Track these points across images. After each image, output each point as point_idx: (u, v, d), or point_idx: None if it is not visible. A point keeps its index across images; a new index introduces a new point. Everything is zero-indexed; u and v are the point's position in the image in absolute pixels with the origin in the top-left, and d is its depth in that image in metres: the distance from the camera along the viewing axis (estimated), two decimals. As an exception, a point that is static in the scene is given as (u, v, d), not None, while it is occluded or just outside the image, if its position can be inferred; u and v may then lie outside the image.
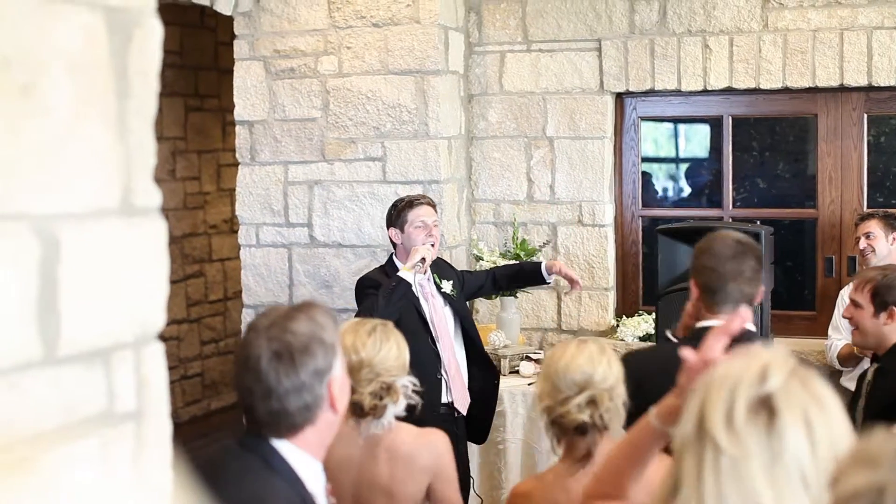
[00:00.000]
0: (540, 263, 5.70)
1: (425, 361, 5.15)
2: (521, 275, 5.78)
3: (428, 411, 3.71)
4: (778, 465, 1.71)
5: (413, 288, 5.11)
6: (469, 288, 5.63)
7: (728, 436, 1.72)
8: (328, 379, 2.50)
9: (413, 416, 3.57)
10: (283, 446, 2.53)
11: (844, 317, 4.58)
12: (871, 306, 4.33)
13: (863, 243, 5.92)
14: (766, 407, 1.74)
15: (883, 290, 4.31)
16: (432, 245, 5.24)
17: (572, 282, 5.57)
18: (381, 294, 4.97)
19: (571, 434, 3.06)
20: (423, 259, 5.10)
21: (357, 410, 3.33)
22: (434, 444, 3.53)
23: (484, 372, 5.48)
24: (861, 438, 1.53)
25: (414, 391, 3.42)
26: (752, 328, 3.52)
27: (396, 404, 3.37)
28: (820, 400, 1.76)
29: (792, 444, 1.72)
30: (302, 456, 2.55)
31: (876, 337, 4.37)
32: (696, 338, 3.32)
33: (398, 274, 5.08)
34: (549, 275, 5.62)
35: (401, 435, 3.47)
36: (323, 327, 2.51)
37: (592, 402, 3.02)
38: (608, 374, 3.05)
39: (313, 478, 2.58)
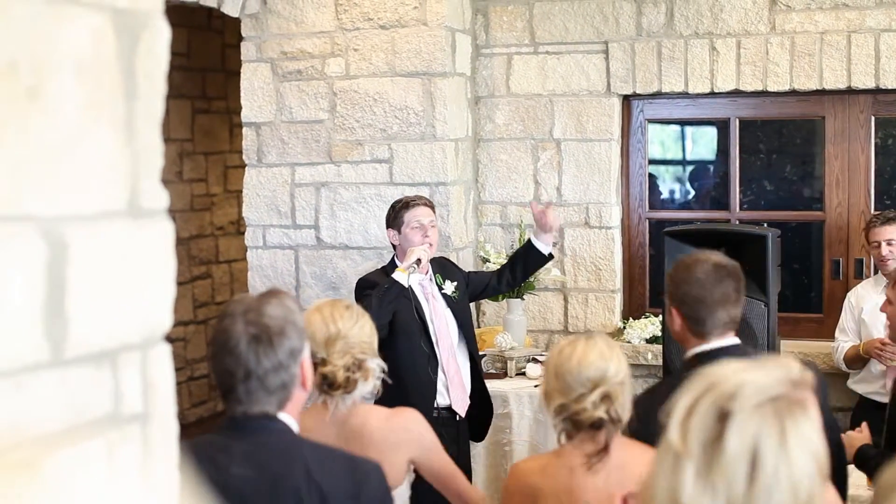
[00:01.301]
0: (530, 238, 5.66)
1: (419, 363, 5.16)
2: (514, 259, 5.71)
3: (422, 413, 3.71)
4: (709, 478, 1.73)
5: (410, 289, 5.11)
6: (475, 287, 5.61)
7: (678, 432, 1.77)
8: (301, 359, 2.68)
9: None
10: (285, 418, 2.71)
11: (882, 311, 4.56)
12: None
13: (885, 250, 5.82)
14: (720, 422, 1.75)
15: None
16: (430, 245, 5.24)
17: (545, 223, 5.50)
18: (375, 296, 4.96)
19: (587, 430, 3.05)
20: (419, 261, 5.10)
21: (328, 384, 3.33)
22: (406, 420, 3.55)
23: (477, 373, 5.49)
24: None
25: (381, 375, 3.43)
26: (737, 341, 3.48)
27: (367, 382, 3.38)
28: (785, 438, 1.75)
29: (727, 466, 1.73)
30: (290, 420, 2.73)
31: None
32: (693, 366, 3.24)
33: (392, 276, 5.08)
34: (540, 241, 5.55)
35: (371, 418, 3.46)
36: (293, 311, 2.69)
37: (607, 398, 3.02)
38: (619, 368, 3.05)
39: None
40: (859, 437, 4.19)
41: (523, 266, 5.65)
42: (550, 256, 5.64)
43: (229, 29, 8.89)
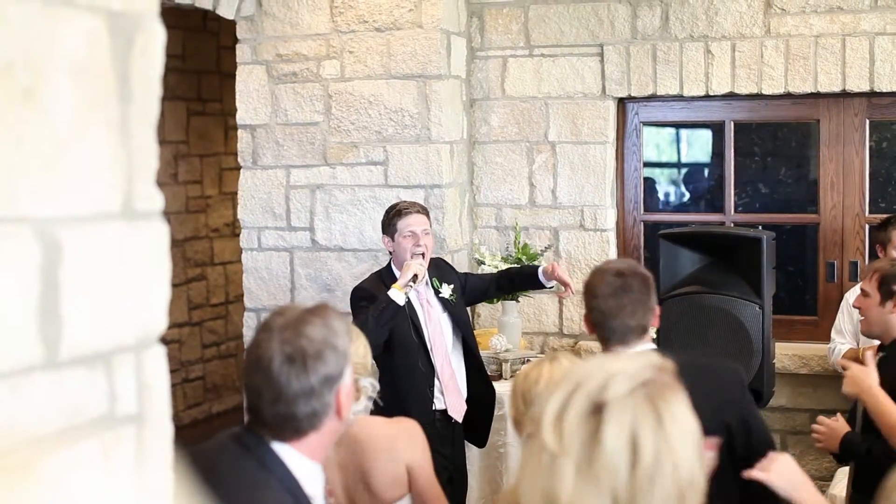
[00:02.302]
0: (538, 267, 5.67)
1: (417, 374, 5.14)
2: (518, 277, 5.74)
3: (420, 422, 3.71)
4: (590, 472, 1.71)
5: (406, 296, 5.08)
6: (472, 291, 5.61)
7: (553, 434, 1.74)
8: (337, 387, 2.49)
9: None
10: (282, 449, 2.50)
11: (855, 306, 4.58)
12: (878, 294, 4.34)
13: None
14: (596, 414, 1.74)
15: (890, 278, 4.32)
16: (423, 255, 5.21)
17: (565, 285, 5.54)
18: (371, 314, 4.92)
19: None
20: (415, 277, 5.06)
21: None
22: (406, 427, 3.55)
23: (481, 378, 5.48)
24: None
25: (372, 396, 3.42)
26: (647, 348, 3.54)
27: (358, 402, 3.36)
28: (661, 421, 1.75)
29: (608, 457, 1.72)
30: (300, 459, 2.52)
31: (881, 325, 4.38)
32: None
33: (389, 293, 5.02)
34: (547, 280, 5.59)
35: (373, 427, 3.46)
36: (337, 333, 2.48)
37: None
38: None
39: (312, 480, 2.55)
40: (837, 425, 4.21)
41: (522, 286, 5.84)
42: (550, 288, 5.75)
43: (225, 31, 8.89)
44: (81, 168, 1.33)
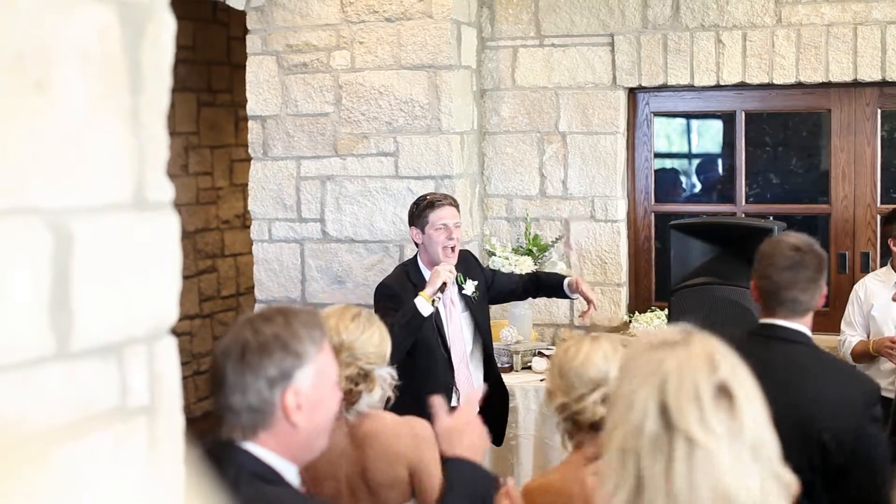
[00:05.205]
0: (563, 279, 5.59)
1: (436, 376, 5.07)
2: (544, 284, 5.68)
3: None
4: (736, 445, 1.76)
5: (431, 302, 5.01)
6: (500, 290, 5.55)
7: (702, 428, 1.76)
8: (283, 387, 2.37)
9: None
10: (250, 447, 2.42)
11: (894, 300, 4.59)
12: None
13: None
14: (725, 393, 1.78)
15: None
16: (453, 248, 5.12)
17: (589, 301, 5.47)
18: (397, 324, 4.69)
19: (586, 430, 3.02)
20: (444, 285, 4.94)
21: None
22: (414, 428, 3.40)
23: (495, 378, 5.42)
24: None
25: (392, 384, 3.34)
26: (802, 330, 3.62)
27: (371, 393, 3.28)
28: (747, 371, 1.83)
29: (750, 421, 1.78)
30: (270, 455, 2.43)
31: None
32: (760, 333, 3.61)
33: (416, 301, 4.89)
34: (571, 292, 5.54)
35: (380, 422, 3.37)
36: (296, 335, 2.38)
37: (608, 399, 2.99)
38: None
39: (291, 478, 2.47)
40: None
41: (548, 293, 5.78)
42: (575, 298, 5.78)
43: (235, 22, 8.89)
44: (92, 158, 1.33)
